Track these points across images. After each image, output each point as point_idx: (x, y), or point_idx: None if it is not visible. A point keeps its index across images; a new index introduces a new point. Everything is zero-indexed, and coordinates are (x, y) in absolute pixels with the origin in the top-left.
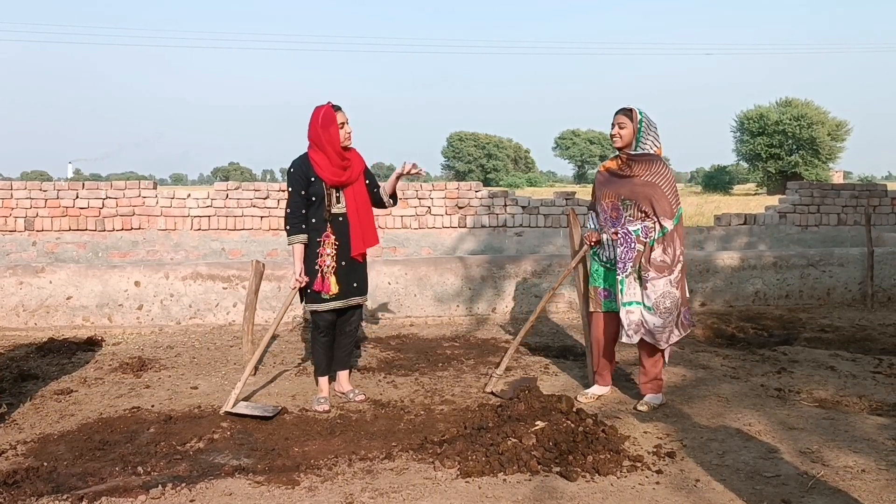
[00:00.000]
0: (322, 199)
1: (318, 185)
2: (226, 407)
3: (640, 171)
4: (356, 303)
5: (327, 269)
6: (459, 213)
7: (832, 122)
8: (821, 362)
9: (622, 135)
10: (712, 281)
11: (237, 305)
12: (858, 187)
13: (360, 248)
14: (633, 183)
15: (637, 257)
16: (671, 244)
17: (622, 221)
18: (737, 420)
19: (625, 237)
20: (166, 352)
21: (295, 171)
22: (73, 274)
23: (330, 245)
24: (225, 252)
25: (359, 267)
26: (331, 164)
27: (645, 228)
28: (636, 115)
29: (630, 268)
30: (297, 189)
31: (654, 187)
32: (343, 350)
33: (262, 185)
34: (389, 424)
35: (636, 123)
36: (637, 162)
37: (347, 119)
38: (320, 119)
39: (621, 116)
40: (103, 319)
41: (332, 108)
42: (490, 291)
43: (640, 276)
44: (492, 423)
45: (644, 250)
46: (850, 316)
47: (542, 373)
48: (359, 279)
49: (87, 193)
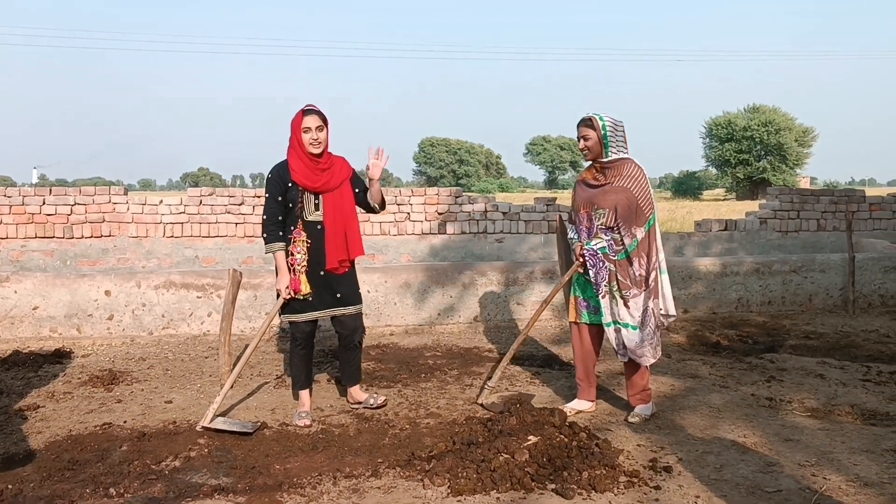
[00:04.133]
0: (297, 205)
1: (295, 190)
2: (203, 422)
3: (611, 177)
4: (341, 314)
5: (299, 268)
6: (439, 219)
7: (799, 129)
8: (809, 370)
9: (589, 146)
10: (694, 287)
11: (212, 315)
12: (837, 193)
13: (333, 261)
14: (604, 191)
15: (612, 276)
16: (644, 254)
17: (594, 231)
18: (731, 431)
19: (592, 257)
20: (138, 364)
21: (272, 176)
22: (40, 283)
23: (301, 242)
24: (199, 260)
25: (341, 277)
26: (305, 169)
27: (612, 244)
28: (597, 122)
29: (604, 288)
30: (273, 195)
31: (626, 192)
32: (351, 364)
33: (237, 192)
34: (374, 439)
35: (600, 131)
36: (609, 168)
37: (323, 124)
38: (292, 124)
39: (584, 128)
40: (72, 330)
41: (301, 113)
42: (471, 299)
43: (622, 295)
44: (482, 438)
45: (616, 268)
46: (832, 322)
47: (529, 383)
48: (343, 289)
49: (55, 199)
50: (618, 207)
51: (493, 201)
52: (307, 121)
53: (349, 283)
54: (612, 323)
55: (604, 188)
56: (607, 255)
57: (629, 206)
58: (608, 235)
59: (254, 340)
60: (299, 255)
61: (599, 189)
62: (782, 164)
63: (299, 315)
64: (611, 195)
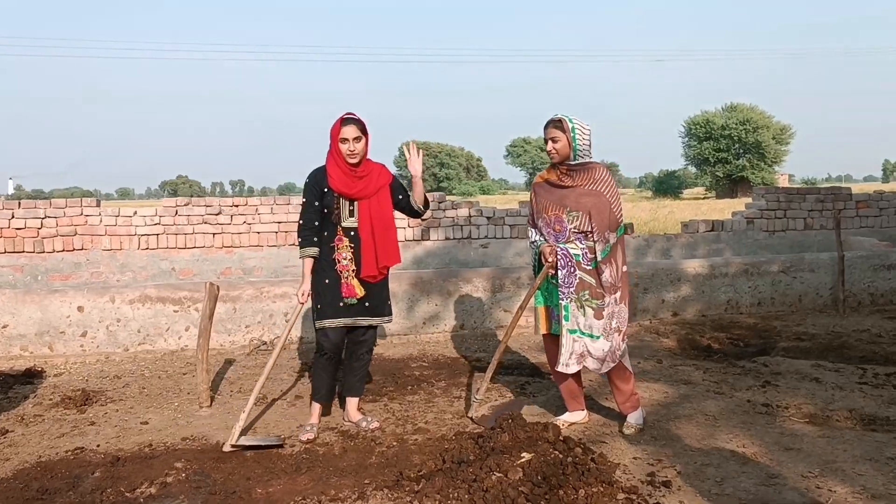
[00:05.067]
0: (333, 211)
1: (330, 196)
2: (230, 441)
3: (581, 180)
4: (366, 323)
5: (349, 274)
6: (422, 225)
7: (776, 126)
8: (804, 374)
9: (557, 149)
10: (683, 290)
11: (190, 329)
12: (824, 191)
13: (370, 268)
14: (576, 193)
15: (580, 285)
16: (615, 259)
17: (567, 235)
18: (729, 441)
19: (565, 258)
20: (113, 382)
21: (310, 181)
22: (9, 300)
23: (345, 248)
24: (175, 272)
25: (374, 286)
26: (343, 175)
27: (586, 252)
28: (567, 124)
29: (573, 294)
30: (310, 200)
31: (599, 196)
32: (356, 375)
33: (214, 201)
34: (360, 458)
35: (569, 133)
36: (577, 171)
37: (360, 134)
38: (331, 131)
39: (552, 130)
40: (43, 348)
41: (340, 122)
42: (457, 307)
43: (594, 305)
44: (473, 456)
45: (588, 277)
46: (823, 322)
47: (519, 393)
48: (372, 298)
49: (24, 213)
50: (592, 211)
51: (478, 206)
52: (345, 131)
53: (381, 293)
54: (574, 331)
55: (575, 190)
56: (580, 264)
57: (603, 209)
58: (583, 243)
59: (275, 350)
60: (346, 260)
61: (570, 190)
62: (761, 162)
63: (330, 321)
64: (585, 198)
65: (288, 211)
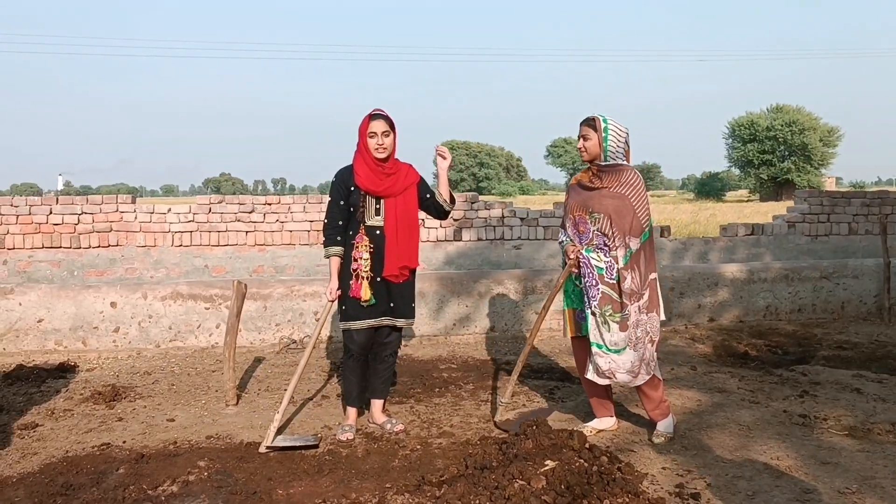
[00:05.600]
0: (358, 209)
1: (357, 194)
2: (266, 442)
3: (609, 182)
4: (390, 323)
5: (363, 273)
6: (454, 225)
7: (824, 128)
8: (844, 384)
9: (587, 147)
10: (721, 294)
11: (220, 326)
12: (870, 195)
13: (392, 267)
14: (601, 195)
15: (603, 299)
16: (637, 266)
17: (590, 237)
18: (763, 453)
19: (586, 267)
20: (143, 378)
21: (336, 180)
22: (45, 295)
23: (364, 248)
24: (208, 269)
25: (398, 286)
26: (370, 172)
27: (611, 264)
28: (600, 123)
29: (597, 308)
30: (335, 199)
31: (623, 199)
32: (379, 377)
33: (248, 199)
34: (383, 461)
35: (601, 133)
36: (606, 173)
37: (389, 129)
38: (360, 128)
39: (585, 128)
40: (77, 343)
41: (369, 117)
42: (488, 309)
43: (617, 319)
44: (496, 462)
45: (611, 292)
46: (867, 331)
47: (548, 398)
48: (397, 299)
49: (62, 209)
50: (613, 214)
51: (511, 206)
52: (374, 125)
53: (405, 295)
54: (601, 346)
55: (600, 192)
56: (602, 277)
57: (626, 213)
58: (607, 256)
59: (307, 350)
60: (363, 260)
61: (595, 192)
62: (807, 165)
63: (356, 322)
64: (607, 200)
65: (320, 210)
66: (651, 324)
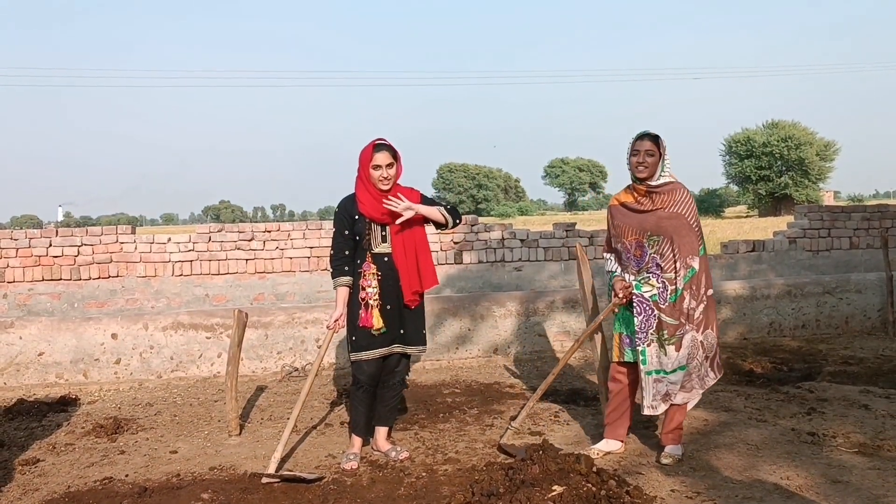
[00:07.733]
0: (364, 237)
1: (362, 222)
2: (270, 469)
3: (662, 202)
4: (401, 351)
5: (372, 302)
6: (455, 248)
7: (820, 143)
8: (852, 400)
9: (649, 163)
10: (724, 312)
11: (222, 356)
12: (870, 209)
13: (408, 292)
14: (657, 216)
15: (659, 326)
16: (696, 284)
17: (646, 260)
18: (772, 473)
19: (641, 304)
20: (145, 410)
21: (340, 210)
22: (45, 328)
23: (372, 276)
24: (209, 298)
25: (410, 313)
26: (373, 200)
27: (662, 290)
28: (663, 142)
29: (651, 336)
30: (340, 229)
31: (680, 219)
32: (386, 404)
33: (247, 227)
34: (388, 489)
35: (664, 151)
36: (659, 193)
37: (393, 161)
38: (361, 156)
39: (650, 144)
40: (78, 376)
41: (372, 147)
42: (490, 331)
43: (674, 341)
44: (503, 489)
45: (667, 318)
46: (872, 346)
47: (553, 421)
48: (408, 325)
49: (62, 241)
50: (674, 236)
51: (510, 228)
52: (378, 157)
53: (416, 321)
54: (654, 372)
55: (656, 213)
56: (657, 304)
57: (685, 233)
58: (659, 280)
59: (309, 379)
60: (371, 288)
61: (651, 214)
62: (804, 179)
63: (366, 352)
64: (665, 222)
65: (320, 236)
66: (707, 341)
